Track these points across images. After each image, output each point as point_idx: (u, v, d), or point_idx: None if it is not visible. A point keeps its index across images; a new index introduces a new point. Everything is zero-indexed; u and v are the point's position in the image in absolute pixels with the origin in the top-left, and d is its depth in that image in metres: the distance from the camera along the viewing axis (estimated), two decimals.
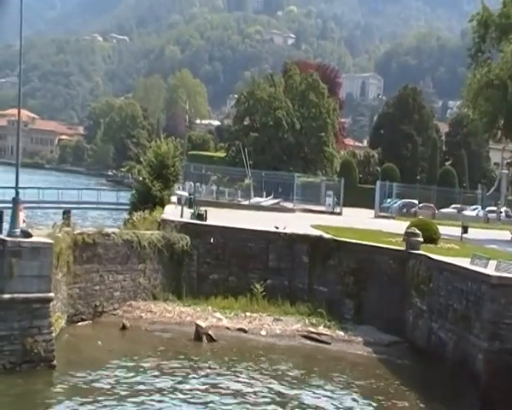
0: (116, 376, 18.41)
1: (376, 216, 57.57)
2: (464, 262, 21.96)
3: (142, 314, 24.83)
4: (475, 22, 46.24)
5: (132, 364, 19.70)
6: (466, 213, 67.37)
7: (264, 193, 57.80)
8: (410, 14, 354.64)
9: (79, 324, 23.29)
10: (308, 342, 23.77)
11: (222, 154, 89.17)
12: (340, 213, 54.88)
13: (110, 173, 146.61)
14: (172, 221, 28.57)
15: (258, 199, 54.85)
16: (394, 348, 23.42)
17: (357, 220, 43.43)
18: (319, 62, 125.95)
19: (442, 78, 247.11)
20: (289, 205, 54.05)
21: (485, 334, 18.35)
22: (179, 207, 34.07)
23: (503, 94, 45.55)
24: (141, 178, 39.95)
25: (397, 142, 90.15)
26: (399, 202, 65.75)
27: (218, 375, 19.36)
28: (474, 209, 71.23)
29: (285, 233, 28.32)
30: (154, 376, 18.74)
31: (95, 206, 58.26)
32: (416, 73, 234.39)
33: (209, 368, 19.91)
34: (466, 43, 67.73)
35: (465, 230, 38.99)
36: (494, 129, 49.46)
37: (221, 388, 18.21)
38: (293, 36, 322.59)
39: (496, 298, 18.19)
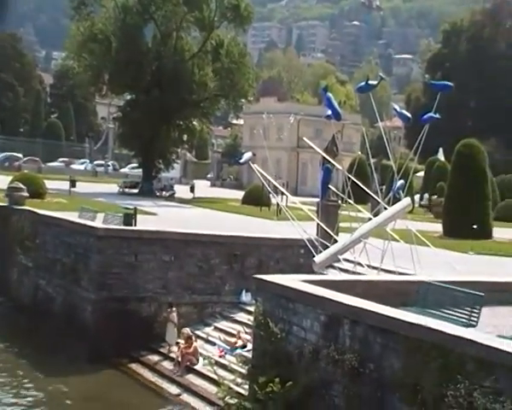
0: None
1: None
2: (72, 216, 21.83)
3: None
4: None
5: None
6: (74, 166, 67.47)
7: None
8: None
9: None
10: None
11: None
12: None
13: None
14: None
15: None
16: None
17: None
18: None
19: (45, 27, 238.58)
20: None
21: (93, 285, 18.41)
22: None
23: (106, 49, 46.21)
24: None
25: None
26: (1, 156, 62.47)
27: None
28: (83, 163, 71.79)
29: None
30: None
31: None
32: (13, 18, 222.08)
33: None
34: None
35: (73, 184, 38.93)
36: (99, 83, 50.05)
37: None
38: None
39: (103, 249, 18.35)
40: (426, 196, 47.10)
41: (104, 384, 16.57)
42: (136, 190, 47.16)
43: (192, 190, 49.08)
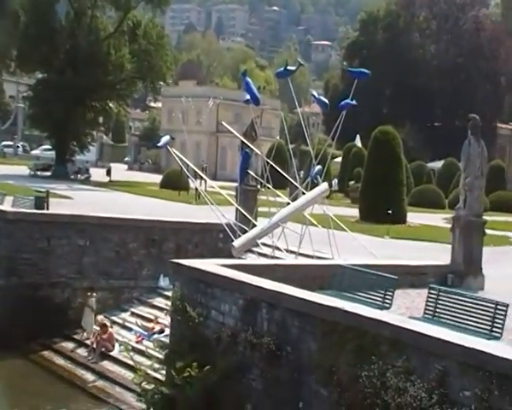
0: None
1: None
2: None
3: None
4: None
5: None
6: None
7: None
8: None
9: None
10: None
11: None
12: None
13: None
14: None
15: None
16: None
17: None
18: None
19: None
20: None
21: (1, 271, 17.72)
22: None
23: (14, 23, 44.39)
24: None
25: None
26: None
27: None
28: None
29: None
30: None
31: None
32: None
33: None
34: None
35: None
36: (7, 59, 48.13)
37: None
38: None
39: (12, 234, 17.70)
40: (335, 181, 47.78)
41: (11, 373, 15.97)
42: (48, 173, 45.67)
43: (108, 173, 48.00)
